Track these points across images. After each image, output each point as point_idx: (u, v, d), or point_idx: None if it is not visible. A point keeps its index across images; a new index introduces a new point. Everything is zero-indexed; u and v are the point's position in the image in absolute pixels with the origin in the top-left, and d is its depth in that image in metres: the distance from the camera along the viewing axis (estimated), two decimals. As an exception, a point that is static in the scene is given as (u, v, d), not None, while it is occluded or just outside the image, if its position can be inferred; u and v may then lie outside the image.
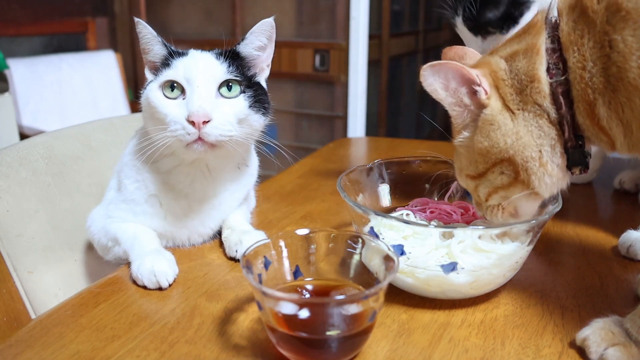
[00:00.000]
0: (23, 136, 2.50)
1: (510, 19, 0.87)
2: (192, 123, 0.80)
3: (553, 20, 0.68)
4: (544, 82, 0.67)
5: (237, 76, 0.85)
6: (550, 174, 0.69)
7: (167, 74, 0.84)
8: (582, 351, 0.66)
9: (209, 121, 0.80)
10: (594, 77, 0.64)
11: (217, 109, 0.82)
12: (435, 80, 0.70)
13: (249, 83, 0.87)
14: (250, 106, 0.85)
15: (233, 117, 0.83)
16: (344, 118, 3.25)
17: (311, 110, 3.36)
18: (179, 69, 0.84)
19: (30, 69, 2.88)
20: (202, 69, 0.84)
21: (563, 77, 0.66)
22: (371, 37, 3.20)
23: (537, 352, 0.67)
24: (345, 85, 3.19)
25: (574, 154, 0.69)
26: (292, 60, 3.25)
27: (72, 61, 3.07)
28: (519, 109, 0.69)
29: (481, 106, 0.71)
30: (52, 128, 1.41)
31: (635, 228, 0.93)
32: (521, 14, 0.87)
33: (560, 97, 0.66)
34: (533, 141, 0.68)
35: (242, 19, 3.40)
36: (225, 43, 0.89)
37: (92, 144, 1.20)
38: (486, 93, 0.69)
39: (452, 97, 0.72)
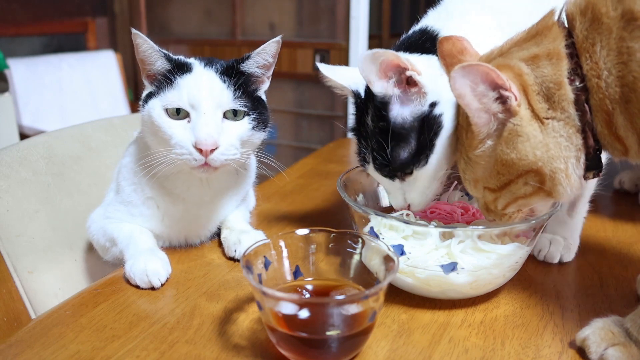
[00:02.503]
0: (23, 136, 2.50)
1: (424, 149, 0.78)
2: (199, 150, 0.79)
3: (565, 24, 0.67)
4: (568, 88, 0.64)
5: (242, 103, 0.84)
6: (572, 185, 0.67)
7: (171, 99, 0.81)
8: (582, 351, 0.66)
9: (216, 148, 0.80)
10: (610, 87, 0.62)
11: (222, 134, 0.81)
12: (464, 83, 0.65)
13: (252, 104, 0.86)
14: (253, 127, 0.85)
15: (237, 140, 0.83)
16: (344, 118, 3.25)
17: (311, 110, 3.36)
18: (182, 93, 0.81)
19: (30, 69, 2.88)
20: (207, 94, 0.81)
21: (582, 84, 0.64)
22: (371, 37, 3.20)
23: (537, 352, 0.67)
24: (345, 85, 3.19)
25: (592, 160, 0.67)
26: (292, 60, 3.25)
27: (72, 61, 3.07)
28: (547, 118, 0.65)
29: (510, 114, 0.66)
30: (52, 128, 1.41)
31: (635, 228, 0.93)
32: (436, 135, 0.78)
33: (584, 104, 0.64)
34: (561, 152, 0.66)
35: (242, 19, 3.39)
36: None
37: (92, 144, 1.20)
38: (516, 99, 0.65)
39: (479, 102, 0.66)
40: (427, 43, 0.84)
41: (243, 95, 0.84)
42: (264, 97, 0.91)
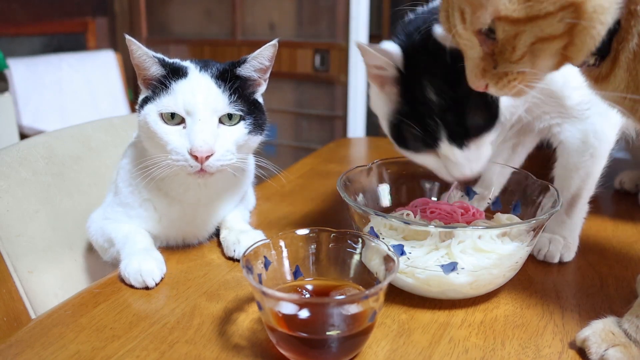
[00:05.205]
0: (23, 136, 2.50)
1: (495, 111, 0.79)
2: (195, 157, 0.79)
3: None
4: None
5: (237, 107, 0.83)
6: (596, 41, 0.60)
7: (166, 104, 0.81)
8: (582, 351, 0.66)
9: (211, 155, 0.80)
10: None
11: (218, 140, 0.81)
12: None
13: (248, 108, 0.85)
14: (249, 132, 0.85)
15: (233, 145, 0.83)
16: (344, 118, 3.25)
17: (311, 110, 3.36)
18: (178, 99, 0.81)
19: (30, 69, 2.88)
20: (202, 100, 0.81)
21: None
22: (371, 37, 3.20)
23: (537, 352, 0.67)
24: (345, 85, 3.19)
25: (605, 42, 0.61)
26: (292, 60, 3.25)
27: (72, 61, 3.07)
28: None
29: None
30: (52, 128, 1.41)
31: (635, 228, 0.93)
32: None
33: None
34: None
35: (242, 19, 3.39)
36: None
37: (92, 144, 1.20)
38: None
39: None
40: None
41: (239, 99, 0.84)
42: (260, 100, 0.91)
